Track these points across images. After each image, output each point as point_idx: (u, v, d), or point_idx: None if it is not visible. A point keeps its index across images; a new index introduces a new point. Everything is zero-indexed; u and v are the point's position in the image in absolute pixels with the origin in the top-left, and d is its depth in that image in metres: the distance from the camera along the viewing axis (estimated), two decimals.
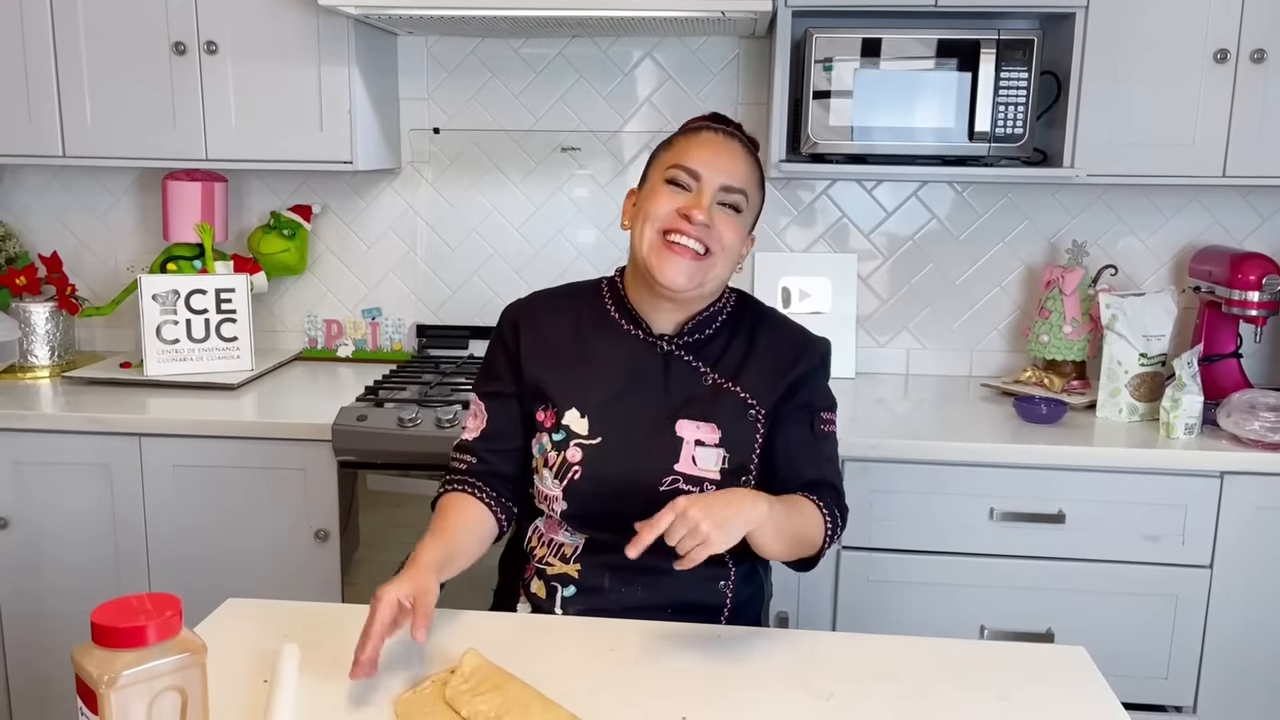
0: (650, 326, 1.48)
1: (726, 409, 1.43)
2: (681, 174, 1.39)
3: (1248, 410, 2.07)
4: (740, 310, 1.52)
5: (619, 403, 1.43)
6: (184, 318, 2.45)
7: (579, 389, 1.44)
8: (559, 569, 1.46)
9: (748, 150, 1.45)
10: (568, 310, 1.51)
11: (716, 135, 1.42)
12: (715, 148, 1.41)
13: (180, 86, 2.35)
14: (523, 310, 1.53)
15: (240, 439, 2.18)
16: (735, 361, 1.47)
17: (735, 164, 1.41)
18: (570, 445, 1.42)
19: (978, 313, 2.65)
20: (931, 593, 2.14)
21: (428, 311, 2.76)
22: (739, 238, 1.42)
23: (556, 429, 1.44)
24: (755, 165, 1.45)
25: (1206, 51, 2.20)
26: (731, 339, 1.49)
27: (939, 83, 2.22)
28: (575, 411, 1.43)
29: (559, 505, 1.43)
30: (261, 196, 2.72)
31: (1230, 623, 2.09)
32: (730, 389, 1.45)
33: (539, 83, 2.62)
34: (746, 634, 1.35)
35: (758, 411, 1.45)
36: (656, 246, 1.39)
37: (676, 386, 1.45)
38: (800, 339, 1.51)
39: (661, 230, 1.39)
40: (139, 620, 0.87)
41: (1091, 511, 2.07)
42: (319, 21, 2.30)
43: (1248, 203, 2.54)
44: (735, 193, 1.40)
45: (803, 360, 1.47)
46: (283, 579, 2.22)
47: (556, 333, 1.49)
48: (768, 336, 1.49)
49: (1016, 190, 2.58)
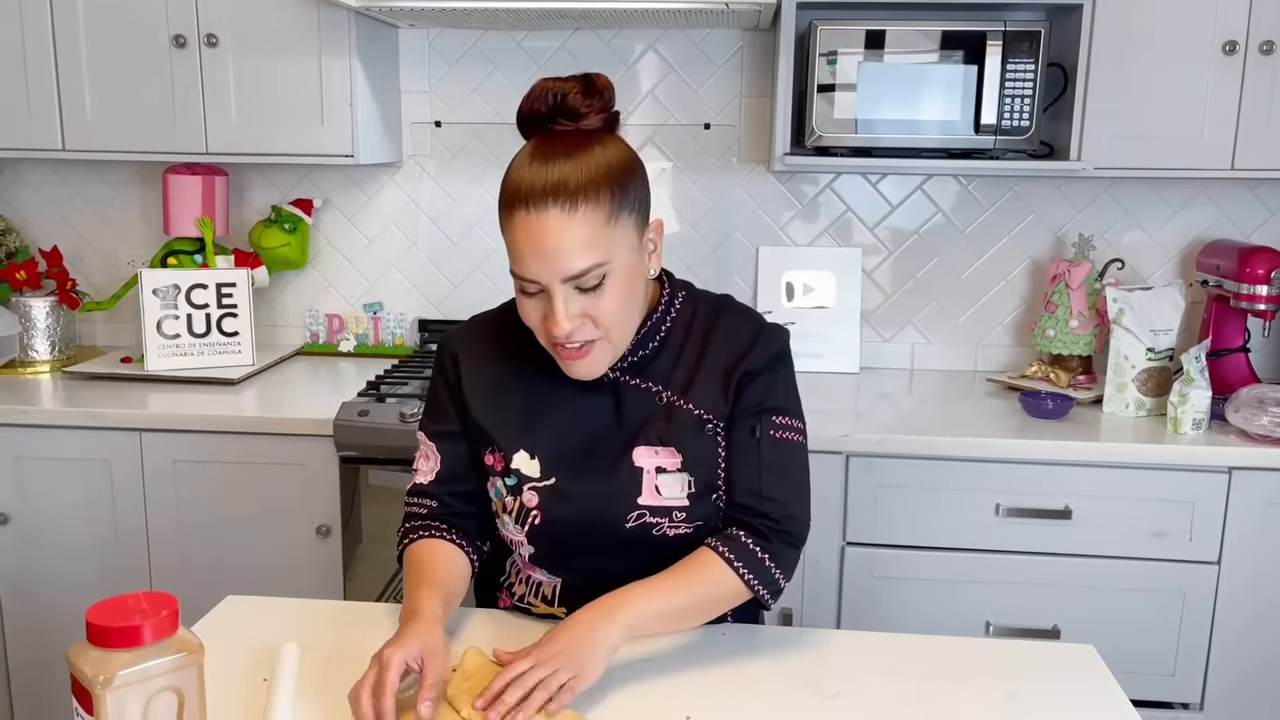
0: None
1: (682, 429, 1.30)
2: (524, 283, 1.20)
3: (1256, 405, 2.06)
4: (691, 312, 1.36)
5: (569, 439, 1.31)
6: (184, 312, 2.44)
7: (525, 429, 1.32)
8: (543, 609, 1.38)
9: (571, 205, 1.15)
10: (508, 341, 1.36)
11: (530, 218, 1.16)
12: (535, 243, 1.16)
13: (180, 79, 2.33)
14: (461, 341, 1.39)
15: (241, 434, 2.17)
16: (686, 374, 1.32)
17: (566, 244, 1.15)
18: (524, 490, 1.31)
19: (983, 307, 2.63)
20: (936, 589, 2.12)
21: (429, 306, 2.74)
22: (621, 293, 1.21)
23: (507, 473, 1.33)
24: (593, 205, 1.16)
25: (1215, 43, 2.17)
26: (683, 348, 1.33)
27: (944, 75, 2.20)
28: (524, 454, 1.32)
29: (525, 549, 1.35)
30: (262, 190, 2.71)
31: (1238, 619, 2.08)
32: (682, 406, 1.31)
33: (541, 75, 2.59)
34: (751, 632, 1.33)
35: (715, 425, 1.31)
36: (553, 352, 1.26)
37: (629, 413, 1.31)
38: (750, 333, 1.33)
39: (549, 343, 1.25)
40: (134, 620, 0.85)
41: (1098, 507, 2.06)
42: (319, 14, 2.29)
43: (1256, 196, 2.52)
44: (585, 274, 1.18)
45: (751, 355, 1.31)
46: (284, 575, 2.21)
47: (497, 367, 1.36)
48: (720, 336, 1.33)
49: (1022, 184, 2.56)
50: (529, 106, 1.24)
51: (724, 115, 2.59)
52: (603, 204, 1.18)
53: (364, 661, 1.22)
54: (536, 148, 1.21)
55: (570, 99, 1.21)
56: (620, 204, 1.20)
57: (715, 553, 1.28)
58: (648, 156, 2.61)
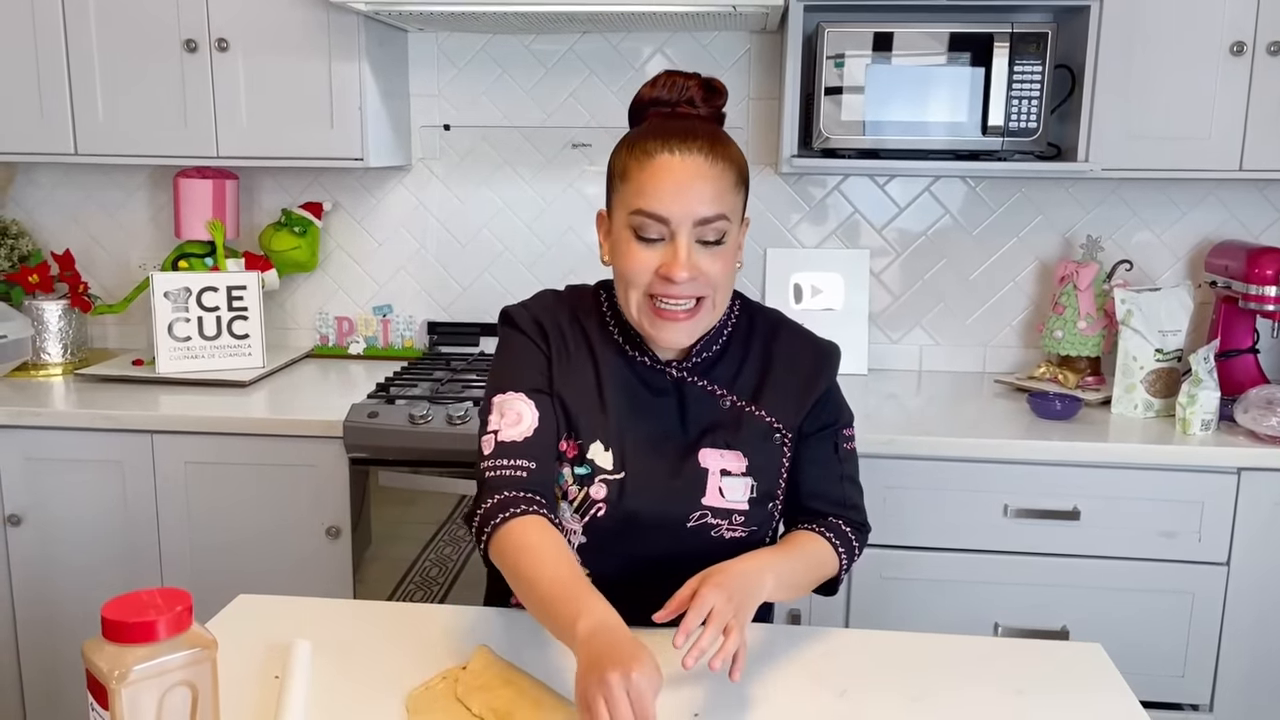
0: (656, 353, 1.36)
1: (750, 434, 1.34)
2: (647, 223, 1.23)
3: (1265, 406, 2.05)
4: (748, 321, 1.41)
5: (638, 434, 1.33)
6: (195, 315, 2.46)
7: (601, 419, 1.33)
8: None
9: (713, 156, 1.23)
10: (576, 325, 1.37)
11: (674, 158, 1.22)
12: (676, 178, 1.21)
13: (192, 83, 2.35)
14: (547, 314, 1.37)
15: (252, 436, 2.18)
16: (753, 381, 1.37)
17: (704, 187, 1.22)
18: (595, 481, 1.31)
19: (991, 308, 2.63)
20: (945, 590, 2.12)
21: (439, 308, 2.75)
22: (730, 263, 1.27)
23: (580, 462, 1.32)
24: (729, 164, 1.25)
25: (1223, 44, 2.17)
26: (745, 356, 1.38)
27: (952, 76, 2.20)
28: (599, 445, 1.32)
29: (576, 539, 1.34)
30: (273, 194, 2.73)
31: (1247, 620, 2.07)
32: (752, 412, 1.35)
33: (549, 79, 2.61)
34: (758, 631, 1.34)
35: (783, 435, 1.36)
36: (645, 312, 1.27)
37: (694, 414, 1.34)
38: (818, 351, 1.41)
39: (646, 295, 1.26)
40: (149, 615, 0.86)
41: (1107, 508, 2.06)
42: (329, 17, 2.30)
43: (1264, 197, 2.51)
44: (713, 222, 1.23)
45: (823, 375, 1.38)
46: (294, 575, 2.22)
47: (576, 352, 1.36)
48: (783, 350, 1.38)
49: (1030, 185, 2.56)
50: (651, 93, 1.32)
51: (732, 117, 2.56)
52: (733, 169, 1.27)
53: (377, 659, 1.23)
54: (671, 115, 1.30)
55: (694, 92, 1.31)
56: (741, 179, 1.29)
57: (816, 533, 1.35)
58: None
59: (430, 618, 1.36)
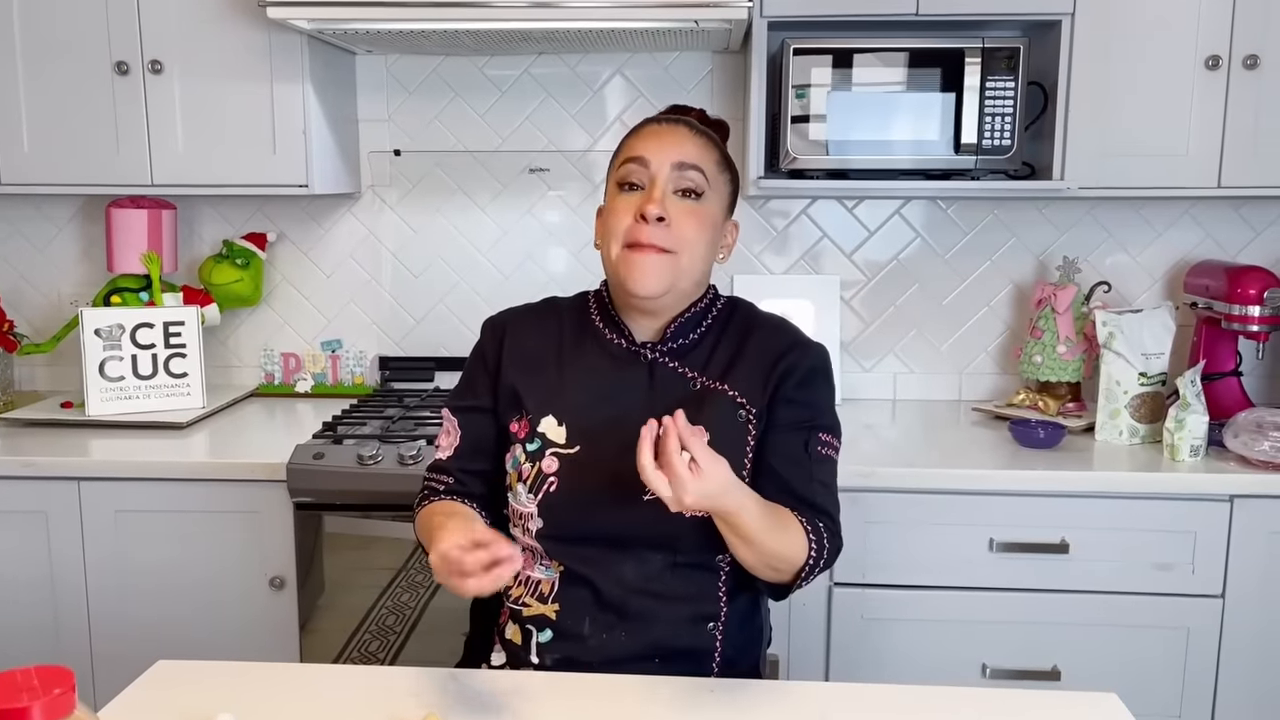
0: (634, 335, 1.38)
1: (715, 411, 1.32)
2: (631, 166, 1.33)
3: (1255, 430, 1.97)
4: (729, 312, 1.42)
5: (599, 411, 1.33)
6: (129, 353, 2.31)
7: (556, 396, 1.35)
8: (535, 609, 1.32)
9: (698, 131, 1.36)
10: (551, 319, 1.44)
11: (661, 124, 1.37)
12: (660, 133, 1.35)
13: (123, 108, 2.21)
14: (506, 319, 1.45)
15: (187, 481, 2.03)
16: (723, 362, 1.37)
17: (683, 143, 1.33)
18: (546, 455, 1.32)
19: (965, 334, 2.54)
20: (930, 630, 2.01)
21: (391, 343, 2.62)
22: (704, 229, 1.33)
23: (531, 438, 1.33)
24: (712, 145, 1.36)
25: (1198, 58, 2.12)
26: (719, 342, 1.39)
27: (923, 95, 2.12)
28: (552, 419, 1.34)
29: (534, 523, 1.31)
30: (213, 224, 2.59)
31: (1244, 655, 1.98)
32: (717, 388, 1.35)
33: (504, 102, 2.51)
34: (742, 687, 1.22)
35: (748, 412, 1.34)
36: (622, 258, 1.32)
37: (661, 394, 1.34)
38: (792, 337, 1.39)
39: (625, 244, 1.32)
40: (22, 699, 0.72)
41: (1097, 540, 1.96)
42: (270, 37, 2.18)
43: (1240, 216, 2.46)
44: (689, 169, 1.31)
45: (792, 354, 1.36)
46: (235, 631, 2.06)
47: (538, 340, 1.41)
48: (758, 333, 1.39)
49: (1002, 206, 2.48)
50: (656, 117, 1.40)
51: None
52: (717, 151, 1.37)
53: None
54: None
55: (693, 115, 1.42)
56: (726, 165, 1.38)
57: (795, 517, 1.29)
58: None
59: (374, 681, 1.22)
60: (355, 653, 2.06)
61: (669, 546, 1.29)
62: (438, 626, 2.05)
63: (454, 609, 2.03)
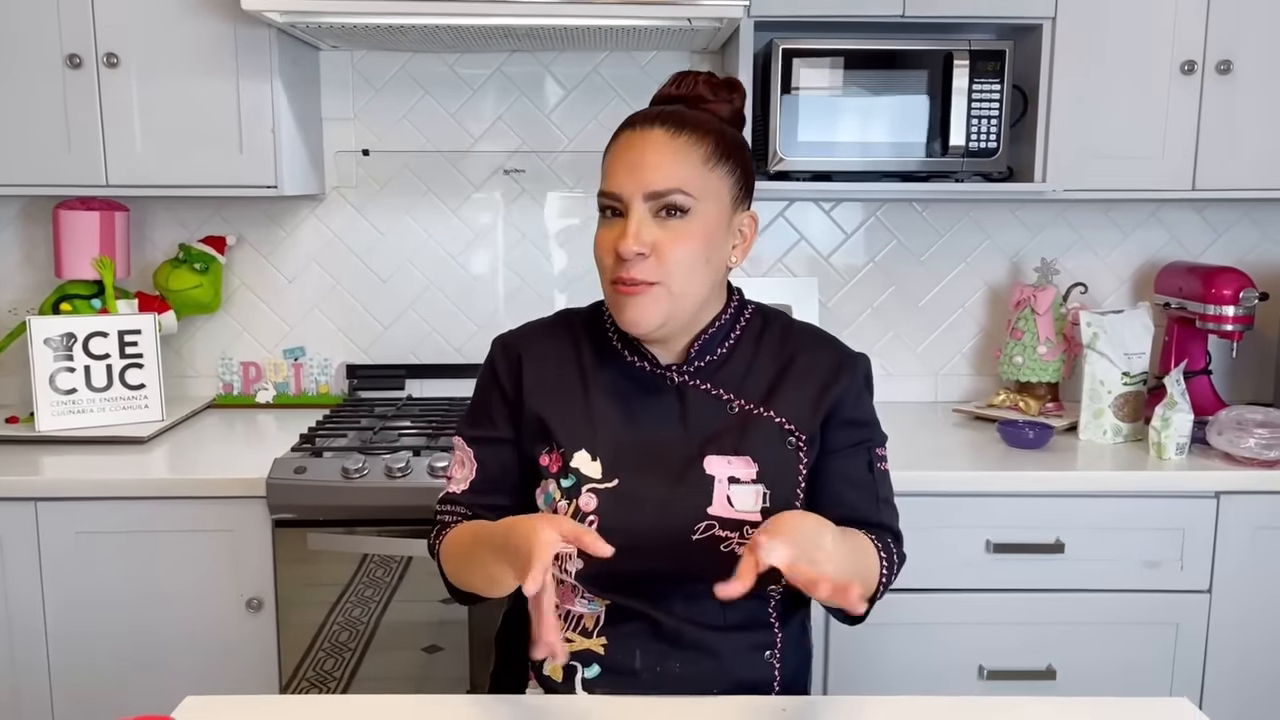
0: (656, 357, 1.28)
1: (760, 438, 1.24)
2: (606, 201, 1.22)
3: (1237, 427, 2.01)
4: (761, 323, 1.32)
5: (633, 439, 1.24)
6: (82, 364, 2.17)
7: (586, 425, 1.25)
8: (580, 644, 1.25)
9: (677, 130, 1.20)
10: (567, 339, 1.32)
11: (634, 133, 1.21)
12: (630, 154, 1.20)
13: (75, 104, 2.08)
14: (522, 340, 1.33)
15: (156, 499, 1.92)
16: (764, 383, 1.27)
17: (659, 160, 1.18)
18: (583, 492, 1.22)
19: (941, 335, 2.55)
20: (927, 634, 2.00)
21: (357, 350, 2.52)
22: (694, 246, 1.20)
23: (565, 474, 1.24)
24: (698, 141, 1.20)
25: (1174, 63, 2.16)
26: (755, 357, 1.29)
27: (911, 96, 2.12)
28: (584, 454, 1.24)
29: (573, 565, 1.22)
30: (166, 227, 2.46)
31: (1231, 650, 2.02)
32: (762, 414, 1.25)
33: (476, 101, 2.43)
34: (810, 705, 1.18)
35: (798, 438, 1.25)
36: (613, 296, 1.23)
37: (697, 420, 1.25)
38: (839, 351, 1.32)
39: (611, 281, 1.22)
40: None
41: (1091, 539, 1.97)
42: (236, 30, 2.07)
43: (1203, 218, 2.52)
44: (665, 196, 1.18)
45: (843, 375, 1.28)
46: (209, 657, 1.95)
47: (558, 363, 1.30)
48: (800, 350, 1.29)
49: (977, 208, 2.50)
50: (663, 91, 1.29)
51: None
52: (705, 144, 1.21)
53: None
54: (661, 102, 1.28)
55: (700, 86, 1.27)
56: (722, 156, 1.22)
57: (867, 537, 1.24)
58: (591, 185, 2.46)
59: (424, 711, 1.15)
60: (310, 673, 1.96)
61: (719, 578, 1.19)
62: (394, 643, 1.97)
63: (408, 624, 1.97)
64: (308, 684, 1.96)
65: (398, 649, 1.99)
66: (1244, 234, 2.52)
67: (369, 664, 1.98)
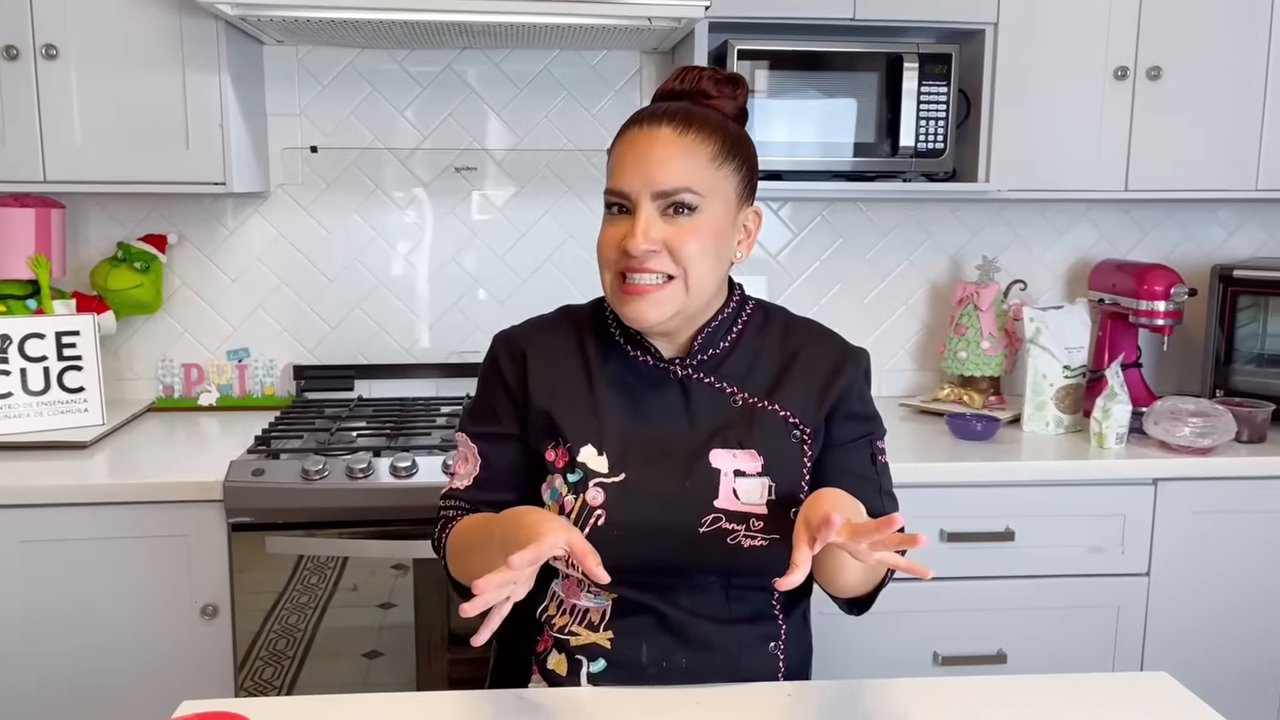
0: (659, 350, 1.29)
1: (766, 432, 1.25)
2: (613, 198, 1.22)
3: (1172, 417, 2.11)
4: (763, 318, 1.33)
5: (638, 434, 1.25)
6: (17, 367, 2.09)
7: (593, 422, 1.25)
8: (586, 638, 1.25)
9: (684, 128, 1.20)
10: (571, 335, 1.32)
11: (641, 131, 1.22)
12: (638, 151, 1.20)
13: (11, 96, 2.01)
14: (526, 336, 1.33)
15: (105, 505, 1.85)
16: (769, 376, 1.28)
17: (667, 157, 1.19)
18: (590, 486, 1.22)
19: (885, 332, 2.61)
20: (883, 622, 2.03)
21: (304, 350, 2.47)
22: (705, 241, 1.20)
23: (571, 468, 1.24)
24: (705, 138, 1.21)
25: (1108, 69, 2.24)
26: (759, 351, 1.30)
27: (862, 98, 2.17)
28: (591, 448, 1.24)
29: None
30: (101, 224, 2.38)
31: (1168, 629, 2.11)
32: (767, 408, 1.26)
33: (426, 98, 2.41)
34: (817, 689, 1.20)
35: (803, 431, 1.26)
36: (615, 291, 1.23)
37: (702, 414, 1.26)
38: (841, 346, 1.34)
39: (616, 274, 1.22)
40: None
41: (1036, 526, 2.05)
42: (182, 22, 2.02)
43: (1131, 218, 2.62)
44: (673, 195, 1.19)
45: (846, 369, 1.30)
46: (163, 667, 1.89)
47: (563, 359, 1.30)
48: (803, 344, 1.31)
49: (919, 208, 2.57)
50: (665, 86, 1.29)
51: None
52: (712, 142, 1.22)
53: None
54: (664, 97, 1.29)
55: (704, 82, 1.27)
56: (728, 154, 1.23)
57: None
58: (542, 183, 2.46)
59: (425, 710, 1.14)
60: (249, 681, 1.92)
61: (725, 572, 1.24)
62: (333, 649, 1.94)
63: (348, 630, 1.95)
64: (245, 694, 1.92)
65: (339, 655, 1.95)
66: (1168, 233, 2.64)
67: (309, 670, 1.94)
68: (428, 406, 2.35)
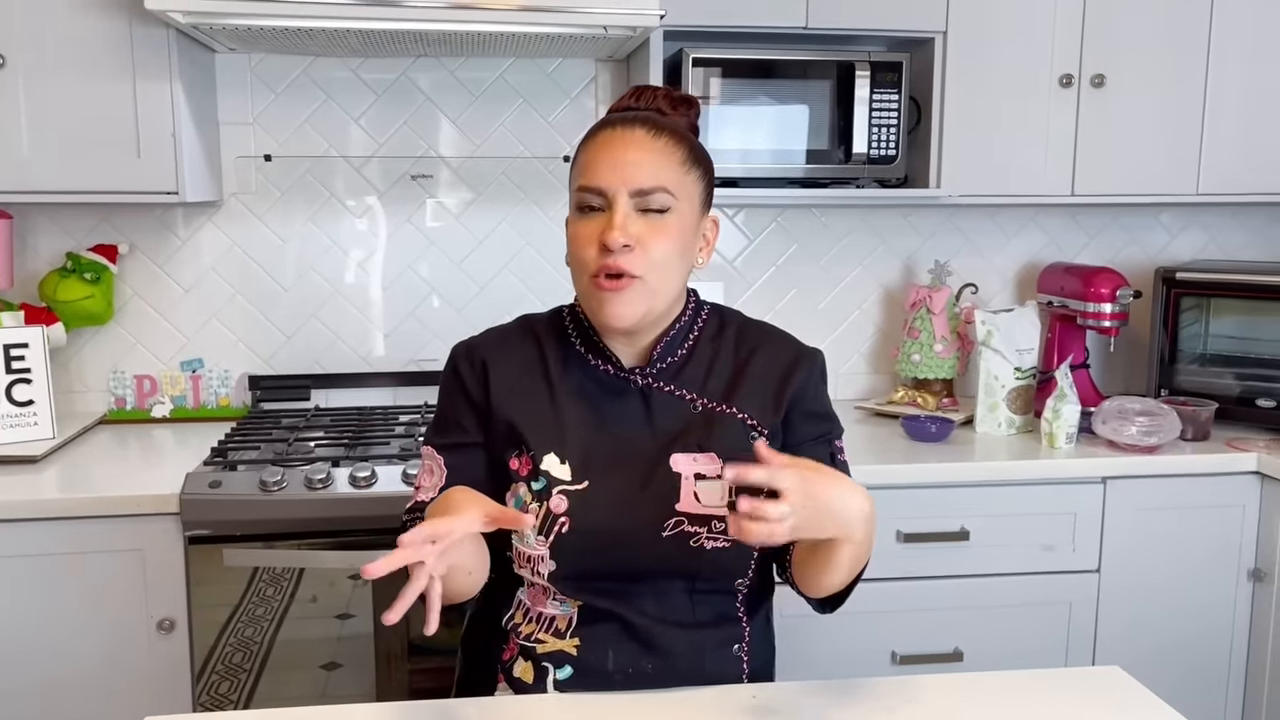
0: (619, 359, 1.31)
1: (725, 435, 1.27)
2: (588, 196, 1.24)
3: (1120, 417, 2.16)
4: (718, 324, 1.36)
5: (600, 442, 1.27)
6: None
7: (556, 431, 1.27)
8: (553, 646, 1.25)
9: (656, 131, 1.24)
10: (530, 343, 1.34)
11: (615, 131, 1.25)
12: (614, 150, 1.23)
13: None
14: (486, 346, 1.34)
15: (57, 520, 1.83)
16: (725, 380, 1.31)
17: (643, 158, 1.22)
18: (553, 494, 1.23)
19: (840, 336, 2.65)
20: (841, 623, 2.02)
21: (259, 360, 2.45)
22: (675, 243, 1.23)
23: (535, 476, 1.25)
24: (675, 143, 1.25)
25: (1053, 76, 2.30)
26: (715, 356, 1.32)
27: (815, 105, 2.20)
28: (554, 456, 1.25)
29: (545, 566, 1.23)
30: (49, 235, 2.34)
31: (1118, 624, 2.16)
32: (725, 411, 1.29)
33: (381, 106, 2.40)
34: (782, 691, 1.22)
35: (760, 432, 1.29)
36: (593, 291, 1.24)
37: (662, 421, 1.28)
38: (795, 346, 1.36)
39: (591, 275, 1.23)
40: None
41: (992, 526, 2.09)
42: (132, 29, 2.00)
43: (1077, 223, 2.68)
44: (649, 193, 1.22)
45: (800, 369, 1.32)
46: (120, 683, 1.87)
47: (523, 367, 1.32)
48: (757, 346, 1.34)
49: (872, 214, 2.61)
50: (621, 104, 1.33)
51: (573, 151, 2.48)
52: (682, 147, 1.26)
53: None
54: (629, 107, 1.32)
55: (659, 100, 1.31)
56: (695, 161, 1.27)
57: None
58: (499, 191, 2.46)
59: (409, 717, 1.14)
60: (205, 696, 1.90)
61: (689, 575, 1.25)
62: (290, 662, 1.93)
63: (306, 641, 1.93)
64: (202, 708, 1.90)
65: (297, 668, 1.94)
66: (1114, 237, 2.70)
67: (266, 682, 1.92)
68: (386, 415, 2.34)
